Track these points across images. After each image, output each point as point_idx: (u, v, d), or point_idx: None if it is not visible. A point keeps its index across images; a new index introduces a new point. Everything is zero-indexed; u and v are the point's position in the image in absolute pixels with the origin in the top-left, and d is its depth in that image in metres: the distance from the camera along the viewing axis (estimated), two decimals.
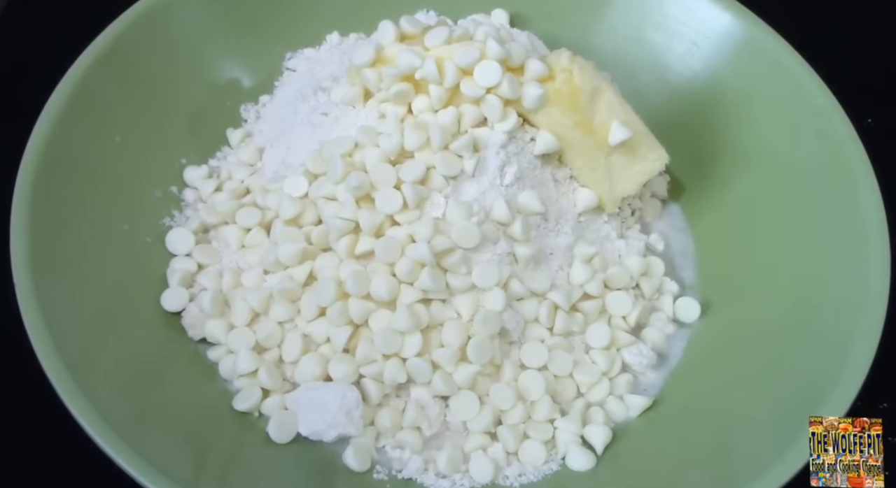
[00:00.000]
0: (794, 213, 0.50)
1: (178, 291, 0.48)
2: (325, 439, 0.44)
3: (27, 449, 0.47)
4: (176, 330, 0.47)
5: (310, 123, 0.52)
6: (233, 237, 0.49)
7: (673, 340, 0.51)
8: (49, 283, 0.42)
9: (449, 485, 0.44)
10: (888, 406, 0.49)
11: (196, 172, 0.52)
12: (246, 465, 0.43)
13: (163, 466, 0.38)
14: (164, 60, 0.52)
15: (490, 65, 0.46)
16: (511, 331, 0.46)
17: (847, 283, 0.45)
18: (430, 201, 0.46)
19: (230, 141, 0.55)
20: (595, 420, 0.46)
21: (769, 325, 0.47)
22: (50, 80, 0.47)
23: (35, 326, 0.40)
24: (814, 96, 0.50)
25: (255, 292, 0.47)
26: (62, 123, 0.46)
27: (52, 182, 0.45)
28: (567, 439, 0.45)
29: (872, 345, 0.42)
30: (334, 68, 0.55)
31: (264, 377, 0.45)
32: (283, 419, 0.44)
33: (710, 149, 0.55)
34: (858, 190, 0.47)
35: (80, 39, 0.49)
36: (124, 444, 0.38)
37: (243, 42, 0.56)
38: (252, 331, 0.46)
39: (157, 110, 0.52)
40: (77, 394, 0.38)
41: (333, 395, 0.43)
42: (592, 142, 0.48)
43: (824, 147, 0.49)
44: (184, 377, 0.45)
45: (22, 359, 0.39)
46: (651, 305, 0.51)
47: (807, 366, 0.44)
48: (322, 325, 0.45)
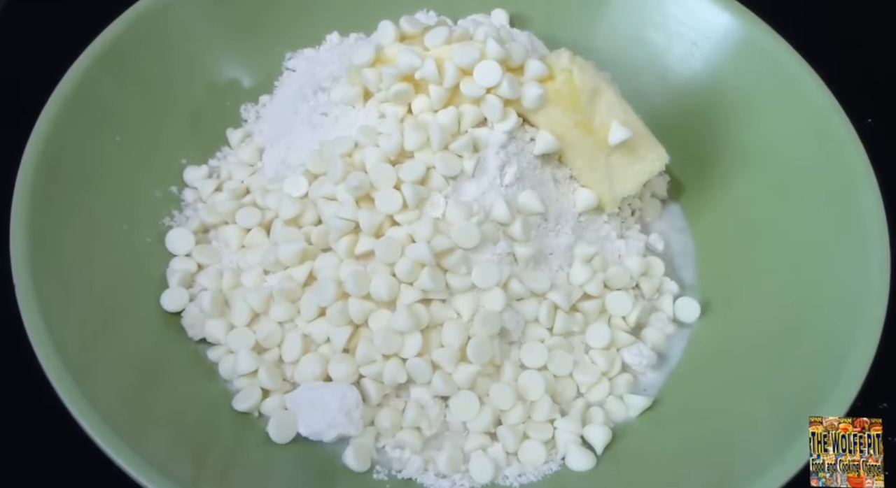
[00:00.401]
0: (794, 213, 0.50)
1: (178, 291, 0.48)
2: (325, 439, 0.44)
3: (27, 449, 0.47)
4: (176, 330, 0.47)
5: (310, 123, 0.52)
6: (233, 237, 0.49)
7: (673, 340, 0.51)
8: (49, 283, 0.42)
9: (449, 485, 0.44)
10: (888, 406, 0.49)
11: (196, 172, 0.52)
12: (246, 465, 0.43)
13: (163, 466, 0.38)
14: (164, 60, 0.52)
15: (490, 65, 0.46)
16: (511, 331, 0.46)
17: (847, 283, 0.45)
18: (430, 201, 0.46)
19: (230, 141, 0.55)
20: (595, 420, 0.46)
21: (769, 325, 0.47)
22: (50, 80, 0.47)
23: (35, 326, 0.40)
24: (814, 96, 0.50)
25: (254, 292, 0.47)
26: (62, 123, 0.46)
27: (52, 182, 0.45)
28: (567, 439, 0.45)
29: (872, 345, 0.42)
30: (334, 68, 0.55)
31: (264, 377, 0.45)
32: (283, 419, 0.44)
33: (710, 149, 0.55)
34: (858, 190, 0.47)
35: (80, 39, 0.49)
36: (124, 445, 0.38)
37: (243, 42, 0.56)
38: (252, 331, 0.46)
39: (157, 110, 0.52)
40: (77, 395, 0.38)
41: (333, 395, 0.43)
42: (592, 143, 0.48)
43: (824, 147, 0.49)
44: (184, 377, 0.45)
45: (22, 359, 0.39)
46: (651, 305, 0.51)
47: (807, 366, 0.44)
48: (322, 325, 0.45)
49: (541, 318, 0.47)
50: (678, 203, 0.57)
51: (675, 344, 0.51)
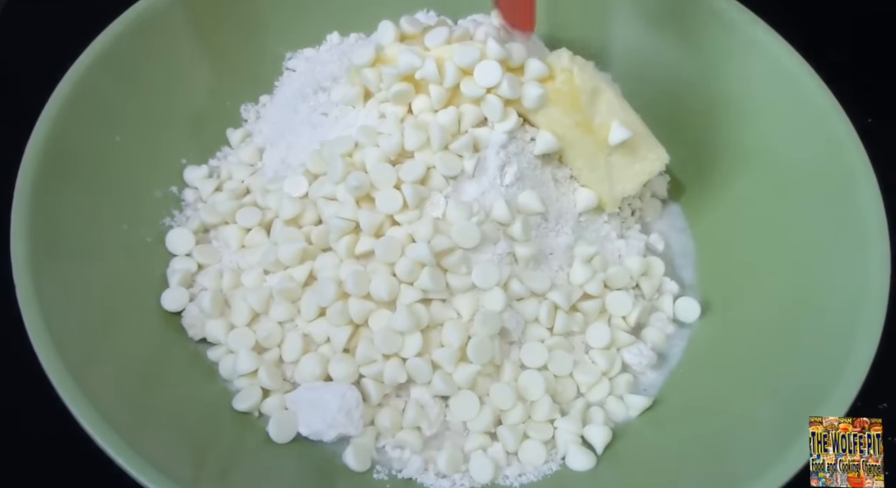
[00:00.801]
0: (794, 213, 0.50)
1: (178, 291, 0.48)
2: (325, 439, 0.44)
3: (27, 449, 0.47)
4: (176, 330, 0.47)
5: (310, 123, 0.52)
6: (233, 237, 0.49)
7: (673, 340, 0.51)
8: (49, 284, 0.42)
9: (449, 485, 0.44)
10: (888, 406, 0.49)
11: (196, 172, 0.52)
12: (246, 465, 0.43)
13: (163, 466, 0.38)
14: (164, 60, 0.52)
15: (490, 65, 0.46)
16: (511, 330, 0.46)
17: (847, 283, 0.45)
18: (430, 201, 0.46)
19: (230, 141, 0.55)
20: (595, 420, 0.46)
21: (769, 325, 0.47)
22: (50, 80, 0.47)
23: (35, 326, 0.40)
24: (814, 96, 0.50)
25: (255, 292, 0.47)
26: (62, 123, 0.46)
27: (53, 182, 0.45)
28: (567, 439, 0.45)
29: (872, 345, 0.42)
30: (334, 68, 0.55)
31: (264, 377, 0.45)
32: (283, 419, 0.44)
33: (710, 149, 0.55)
34: (858, 190, 0.47)
35: (80, 39, 0.49)
36: (124, 444, 0.38)
37: (243, 42, 0.56)
38: (252, 330, 0.46)
39: (157, 110, 0.52)
40: (77, 394, 0.38)
41: (333, 395, 0.43)
42: (592, 143, 0.48)
43: (824, 147, 0.49)
44: (184, 377, 0.45)
45: (22, 359, 0.39)
46: (651, 305, 0.51)
47: (807, 366, 0.44)
48: (322, 325, 0.45)
49: (541, 318, 0.47)
50: (678, 203, 0.57)
51: (675, 344, 0.51)
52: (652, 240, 0.53)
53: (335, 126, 0.50)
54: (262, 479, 0.42)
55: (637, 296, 0.51)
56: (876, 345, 0.42)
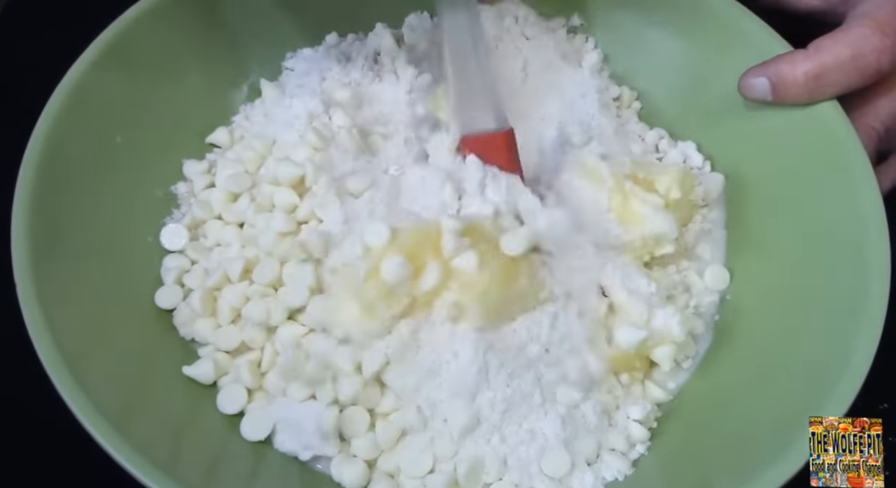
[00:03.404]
0: (794, 214, 0.50)
1: (171, 289, 0.47)
2: (301, 458, 0.43)
3: (28, 448, 0.47)
4: (172, 327, 0.47)
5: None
6: (223, 234, 0.49)
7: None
8: (49, 283, 0.42)
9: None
10: (888, 406, 0.49)
11: (196, 166, 0.52)
12: (235, 461, 0.43)
13: (162, 465, 0.38)
14: (165, 60, 0.52)
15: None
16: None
17: (847, 283, 0.45)
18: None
19: (227, 141, 0.55)
20: None
21: (769, 326, 0.47)
22: (50, 80, 0.47)
23: (35, 326, 0.40)
24: None
25: (232, 290, 0.46)
26: (62, 123, 0.46)
27: (53, 182, 0.45)
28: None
29: (872, 345, 0.42)
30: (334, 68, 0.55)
31: (246, 377, 0.44)
32: (258, 417, 0.43)
33: (709, 150, 0.55)
34: (858, 190, 0.47)
35: (80, 39, 0.49)
36: (124, 444, 0.38)
37: (243, 42, 0.56)
38: (238, 328, 0.46)
39: (157, 110, 0.51)
40: (78, 394, 0.38)
41: (308, 416, 0.43)
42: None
43: (824, 147, 0.49)
44: (182, 376, 0.45)
45: (22, 358, 0.39)
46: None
47: (807, 365, 0.44)
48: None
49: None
50: None
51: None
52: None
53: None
54: (250, 474, 0.42)
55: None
56: (876, 345, 0.42)
